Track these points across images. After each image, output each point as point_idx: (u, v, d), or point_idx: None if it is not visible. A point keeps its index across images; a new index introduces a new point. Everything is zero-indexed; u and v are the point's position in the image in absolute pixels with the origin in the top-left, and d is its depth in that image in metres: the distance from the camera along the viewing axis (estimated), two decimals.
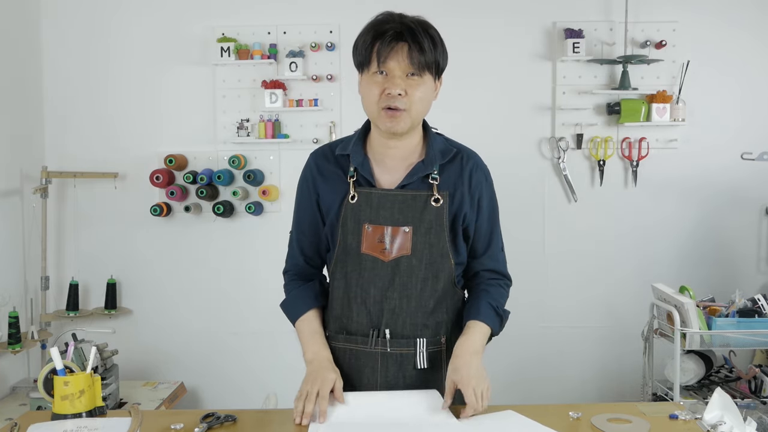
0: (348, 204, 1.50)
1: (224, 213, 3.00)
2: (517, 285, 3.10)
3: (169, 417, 1.45)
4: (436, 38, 1.46)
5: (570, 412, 1.37)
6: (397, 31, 1.41)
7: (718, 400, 1.33)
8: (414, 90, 1.43)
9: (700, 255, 3.14)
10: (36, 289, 2.96)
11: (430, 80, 1.46)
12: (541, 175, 3.12)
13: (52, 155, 3.08)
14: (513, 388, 3.12)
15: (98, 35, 3.09)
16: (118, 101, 3.10)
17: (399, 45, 1.42)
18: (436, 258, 1.51)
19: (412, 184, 1.51)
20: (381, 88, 1.43)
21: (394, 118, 1.44)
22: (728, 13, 3.06)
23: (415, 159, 1.54)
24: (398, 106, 1.43)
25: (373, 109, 1.46)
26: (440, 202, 1.51)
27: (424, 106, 1.48)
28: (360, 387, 1.53)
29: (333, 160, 1.56)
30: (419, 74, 1.43)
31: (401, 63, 1.42)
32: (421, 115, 1.49)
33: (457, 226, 1.54)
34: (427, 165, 1.52)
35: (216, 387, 3.18)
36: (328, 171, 1.56)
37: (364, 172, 1.52)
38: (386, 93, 1.43)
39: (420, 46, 1.41)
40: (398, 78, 1.42)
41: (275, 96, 3.00)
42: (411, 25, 1.43)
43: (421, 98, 1.45)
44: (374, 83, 1.44)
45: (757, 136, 3.07)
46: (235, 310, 3.13)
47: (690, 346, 2.46)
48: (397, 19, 1.44)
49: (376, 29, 1.43)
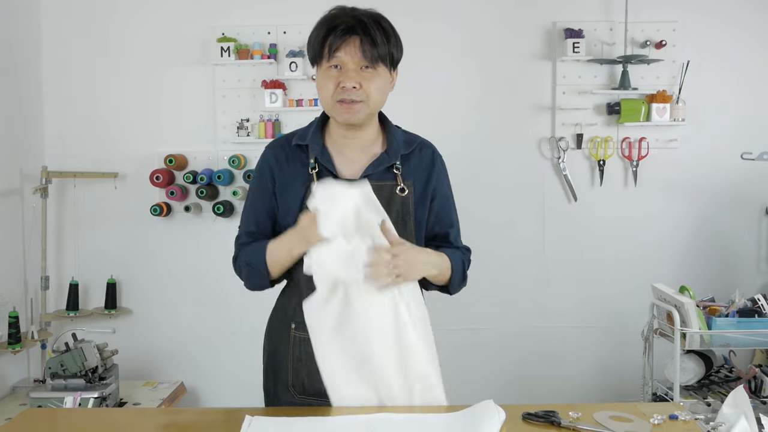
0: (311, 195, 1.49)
1: (224, 213, 3.00)
2: (517, 285, 3.14)
3: (169, 416, 1.45)
4: (388, 30, 1.47)
5: (570, 412, 1.37)
6: (349, 25, 1.43)
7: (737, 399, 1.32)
8: (369, 83, 1.45)
9: (700, 255, 3.14)
10: (36, 289, 2.96)
11: (384, 72, 1.48)
12: (541, 175, 3.12)
13: (52, 155, 3.08)
14: (513, 388, 3.13)
15: (98, 35, 3.09)
16: (118, 101, 3.10)
17: (351, 38, 1.43)
18: None
19: (375, 174, 1.52)
20: (336, 82, 1.45)
21: (350, 109, 1.46)
22: (728, 13, 3.07)
23: (377, 150, 1.56)
24: (353, 99, 1.45)
25: (329, 102, 1.48)
26: (406, 192, 1.52)
27: (380, 98, 1.50)
28: None
29: (290, 152, 1.56)
30: (373, 66, 1.45)
31: (354, 56, 1.44)
32: (377, 106, 1.51)
33: (421, 215, 1.55)
34: (391, 156, 1.54)
35: (216, 387, 3.18)
36: (287, 162, 1.56)
37: (325, 162, 1.52)
38: (341, 86, 1.44)
39: (372, 39, 1.43)
40: (352, 71, 1.44)
41: (275, 96, 3.00)
42: (362, 18, 1.44)
43: (376, 90, 1.47)
44: (329, 77, 1.46)
45: (757, 136, 3.07)
46: (235, 309, 3.12)
47: (690, 346, 2.46)
48: (349, 12, 1.46)
49: (328, 23, 1.45)
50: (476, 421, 1.29)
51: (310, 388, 1.52)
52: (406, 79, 3.06)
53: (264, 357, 1.67)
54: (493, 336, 3.14)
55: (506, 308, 3.14)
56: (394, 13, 1.56)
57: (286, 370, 1.55)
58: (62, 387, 2.49)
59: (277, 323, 1.64)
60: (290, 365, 1.55)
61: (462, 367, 3.07)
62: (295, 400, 1.53)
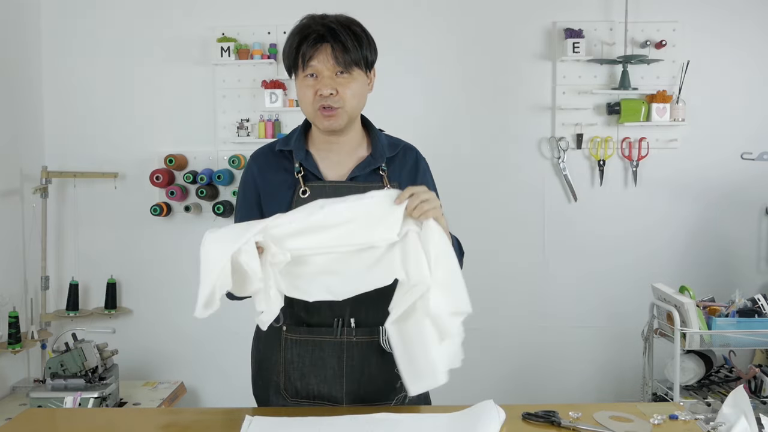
0: (300, 199, 1.50)
1: (224, 213, 3.00)
2: (517, 285, 3.14)
3: (169, 416, 1.45)
4: (359, 34, 1.48)
5: (570, 412, 1.37)
6: (320, 33, 1.45)
7: (737, 399, 1.32)
8: (345, 88, 1.47)
9: (700, 255, 3.14)
10: (36, 289, 2.96)
11: (360, 75, 1.49)
12: (541, 175, 3.12)
13: (52, 155, 3.08)
14: (513, 388, 3.13)
15: (98, 35, 3.09)
16: (118, 101, 3.10)
17: (323, 46, 1.45)
18: None
19: (361, 176, 1.53)
20: (313, 90, 1.47)
21: (331, 116, 1.48)
22: (728, 13, 3.07)
23: (362, 153, 1.57)
24: (332, 105, 1.46)
25: (310, 110, 1.50)
26: None
27: (359, 101, 1.51)
28: (325, 376, 1.51)
29: (274, 159, 1.57)
30: (348, 71, 1.47)
31: (327, 63, 1.45)
32: (356, 109, 1.52)
33: None
34: (377, 158, 1.55)
35: (216, 387, 3.18)
36: (271, 170, 1.57)
37: (309, 166, 1.54)
38: (318, 94, 1.46)
39: (343, 45, 1.44)
40: (327, 78, 1.46)
41: (275, 96, 3.00)
42: (332, 25, 1.46)
43: (353, 94, 1.48)
44: (306, 86, 1.48)
45: (757, 136, 3.07)
46: (235, 309, 3.11)
47: (690, 346, 2.46)
48: (319, 20, 1.47)
49: (300, 33, 1.47)
50: (476, 421, 1.29)
51: (303, 391, 1.52)
52: (407, 79, 3.09)
53: (252, 365, 1.66)
54: (493, 336, 3.14)
55: (506, 308, 3.14)
56: (395, 14, 1.56)
57: (277, 373, 1.54)
58: (62, 387, 2.49)
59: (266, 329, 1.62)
60: (281, 368, 1.54)
61: (462, 367, 3.06)
62: (288, 403, 1.53)
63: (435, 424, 1.32)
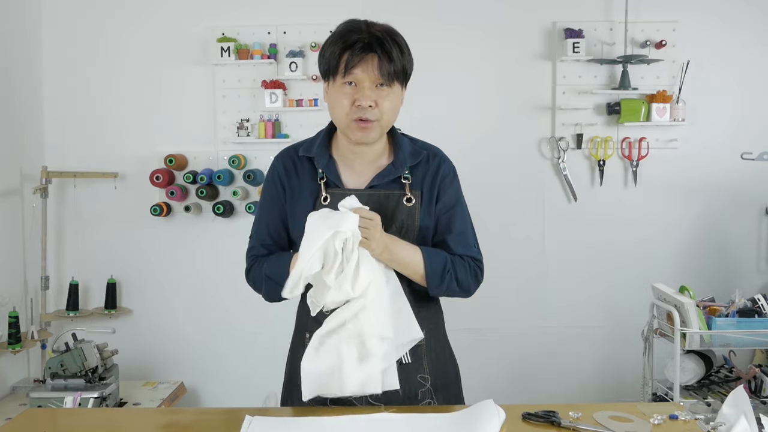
0: (321, 206, 1.48)
1: (224, 213, 3.00)
2: (517, 285, 3.14)
3: (169, 416, 1.45)
4: (403, 46, 1.46)
5: (570, 412, 1.37)
6: (366, 42, 1.41)
7: (737, 399, 1.32)
8: (383, 100, 1.44)
9: (700, 255, 3.14)
10: (36, 289, 2.96)
11: (398, 89, 1.47)
12: (541, 175, 3.12)
13: (52, 155, 3.08)
14: (513, 388, 3.13)
15: (98, 35, 3.09)
16: (117, 101, 3.10)
17: (368, 56, 1.42)
18: None
19: (381, 185, 1.51)
20: (351, 99, 1.43)
21: (366, 129, 1.45)
22: (728, 13, 3.07)
23: (383, 162, 1.54)
24: (369, 118, 1.43)
25: (343, 120, 1.46)
26: (413, 202, 1.51)
27: (393, 115, 1.49)
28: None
29: (298, 162, 1.56)
30: (388, 84, 1.44)
31: (371, 74, 1.42)
32: (390, 123, 1.50)
33: (426, 224, 1.54)
34: (398, 167, 1.52)
35: (216, 387, 3.18)
36: (295, 173, 1.55)
37: (330, 174, 1.52)
38: (356, 104, 1.43)
39: (389, 56, 1.42)
40: (368, 89, 1.43)
41: (275, 96, 3.00)
42: (378, 34, 1.42)
43: (390, 108, 1.46)
44: (343, 94, 1.44)
45: (757, 136, 3.07)
46: (235, 309, 3.12)
47: (690, 346, 2.46)
48: (365, 28, 1.44)
49: (344, 39, 1.43)
50: (476, 421, 1.29)
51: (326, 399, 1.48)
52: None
53: (285, 374, 1.65)
54: (493, 336, 3.14)
55: (506, 308, 3.14)
56: (394, 14, 1.56)
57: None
58: (62, 387, 2.49)
59: (296, 336, 1.63)
60: None
61: (462, 367, 3.05)
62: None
63: (435, 424, 1.32)
